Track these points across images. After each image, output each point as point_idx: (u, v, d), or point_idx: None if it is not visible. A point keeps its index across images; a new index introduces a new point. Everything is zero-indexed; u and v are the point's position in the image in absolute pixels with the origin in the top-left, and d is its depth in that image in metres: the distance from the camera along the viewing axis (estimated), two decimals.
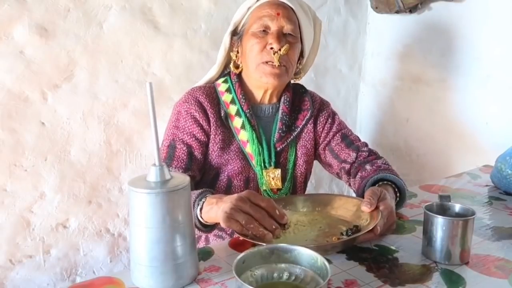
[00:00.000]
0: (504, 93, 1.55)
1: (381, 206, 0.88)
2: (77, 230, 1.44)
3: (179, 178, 0.71)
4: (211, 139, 1.08)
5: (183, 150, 1.05)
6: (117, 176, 1.50)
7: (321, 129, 1.20)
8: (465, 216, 0.79)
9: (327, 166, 1.24)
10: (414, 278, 0.74)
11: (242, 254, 0.65)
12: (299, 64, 1.16)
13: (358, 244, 0.86)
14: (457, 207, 0.83)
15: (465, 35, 1.64)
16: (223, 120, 1.09)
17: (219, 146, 1.08)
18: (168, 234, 0.68)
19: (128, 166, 1.51)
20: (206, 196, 0.89)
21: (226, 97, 1.11)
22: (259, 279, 0.66)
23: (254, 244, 0.77)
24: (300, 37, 1.09)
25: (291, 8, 1.07)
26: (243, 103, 1.10)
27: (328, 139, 1.19)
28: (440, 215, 0.78)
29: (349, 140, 1.19)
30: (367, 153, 1.16)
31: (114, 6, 1.38)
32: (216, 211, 0.83)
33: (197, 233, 0.96)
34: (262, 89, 1.12)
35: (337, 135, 1.19)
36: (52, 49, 1.30)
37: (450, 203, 0.84)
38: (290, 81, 1.16)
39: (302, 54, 1.14)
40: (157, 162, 0.69)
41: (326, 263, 0.62)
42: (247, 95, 1.12)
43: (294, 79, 1.19)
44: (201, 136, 1.07)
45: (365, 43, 2.08)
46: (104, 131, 1.44)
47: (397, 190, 1.03)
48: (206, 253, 0.83)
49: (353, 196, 1.08)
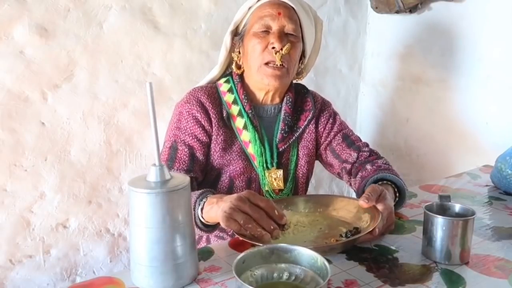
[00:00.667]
0: (504, 93, 1.55)
1: (381, 206, 0.88)
2: (77, 230, 1.44)
3: (179, 178, 0.71)
4: (213, 139, 1.08)
5: (184, 151, 1.05)
6: (117, 176, 1.50)
7: (322, 129, 1.20)
8: (465, 216, 0.79)
9: (328, 166, 1.24)
10: (414, 278, 0.74)
11: (242, 254, 0.65)
12: (301, 64, 1.15)
13: (358, 244, 0.86)
14: (457, 207, 0.83)
15: (465, 35, 1.64)
16: (225, 121, 1.09)
17: (221, 147, 1.08)
18: (168, 234, 0.68)
19: (128, 166, 1.51)
20: (207, 196, 0.89)
21: (228, 98, 1.11)
22: (259, 279, 0.66)
23: (254, 245, 0.77)
24: (302, 37, 1.09)
25: (292, 8, 1.06)
26: (245, 104, 1.09)
27: (329, 139, 1.19)
28: (440, 215, 0.78)
29: (350, 140, 1.19)
30: (368, 153, 1.16)
31: (114, 6, 1.38)
32: (216, 210, 0.83)
33: (199, 234, 0.96)
34: (264, 90, 1.11)
35: (338, 135, 1.19)
36: (52, 49, 1.30)
37: (450, 203, 0.84)
38: (292, 81, 1.16)
39: (303, 54, 1.14)
40: (157, 162, 0.69)
41: (326, 263, 0.62)
42: (249, 95, 1.12)
43: (296, 79, 1.19)
44: (203, 137, 1.07)
45: (365, 43, 2.08)
46: (104, 131, 1.44)
47: (396, 190, 1.03)
48: (206, 253, 0.83)
49: (355, 197, 1.08)
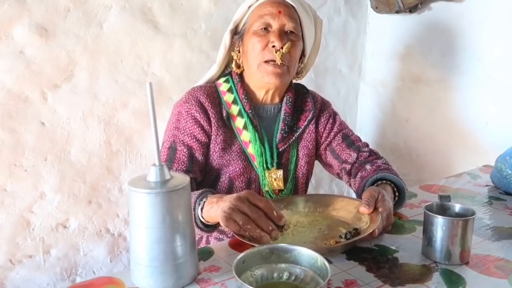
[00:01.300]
0: (504, 93, 1.55)
1: (380, 208, 0.88)
2: (77, 230, 1.44)
3: (179, 178, 0.71)
4: (212, 139, 1.07)
5: (183, 152, 1.05)
6: (117, 176, 1.50)
7: (322, 129, 1.20)
8: (465, 216, 0.79)
9: (327, 166, 1.24)
10: (414, 278, 0.74)
11: (242, 254, 0.65)
12: (301, 63, 1.15)
13: (357, 244, 0.86)
14: (457, 207, 0.83)
15: (465, 35, 1.64)
16: (225, 121, 1.08)
17: (221, 147, 1.07)
18: (168, 234, 0.68)
19: (128, 166, 1.51)
20: (207, 196, 0.89)
21: (228, 97, 1.11)
22: (259, 279, 0.66)
23: (254, 245, 0.77)
24: (302, 36, 1.09)
25: (292, 7, 1.06)
26: (245, 103, 1.09)
27: (329, 139, 1.19)
28: (440, 215, 0.78)
29: (350, 140, 1.19)
30: (367, 154, 1.16)
31: (114, 6, 1.38)
32: (216, 210, 0.83)
33: (199, 234, 0.96)
34: (264, 89, 1.11)
35: (338, 135, 1.19)
36: (52, 49, 1.30)
37: (450, 203, 0.84)
38: (292, 81, 1.16)
39: (303, 53, 1.13)
40: (157, 162, 0.69)
41: (326, 263, 0.62)
42: (249, 95, 1.11)
43: (296, 79, 1.19)
44: (202, 137, 1.06)
45: (365, 43, 2.08)
46: (104, 131, 1.44)
47: (396, 190, 1.03)
48: (206, 253, 0.83)
49: (355, 197, 1.08)
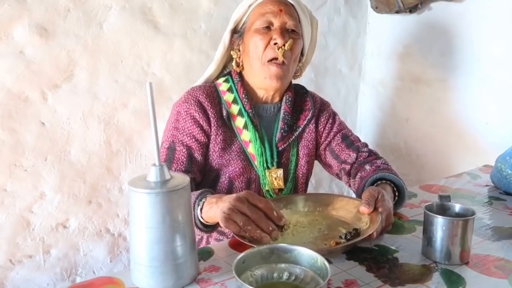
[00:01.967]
0: (504, 93, 1.55)
1: (380, 208, 0.88)
2: (77, 230, 1.44)
3: (179, 178, 0.71)
4: (212, 139, 1.07)
5: (182, 152, 1.04)
6: (117, 176, 1.50)
7: (322, 129, 1.20)
8: (465, 216, 0.79)
9: (327, 166, 1.24)
10: (414, 278, 0.74)
11: (242, 254, 0.65)
12: (299, 62, 1.16)
13: (357, 244, 0.86)
14: (457, 207, 0.83)
15: (465, 35, 1.64)
16: (225, 120, 1.08)
17: (220, 147, 1.07)
18: (168, 234, 0.68)
19: (128, 166, 1.51)
20: (206, 196, 0.89)
21: (228, 97, 1.10)
22: (259, 279, 0.66)
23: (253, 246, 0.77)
24: (301, 35, 1.10)
25: (292, 5, 1.08)
26: (245, 103, 1.09)
27: (329, 139, 1.19)
28: (440, 215, 0.78)
29: (350, 140, 1.19)
30: (367, 154, 1.16)
31: (114, 6, 1.38)
32: (215, 210, 0.83)
33: (198, 235, 0.96)
34: (264, 89, 1.12)
35: (338, 135, 1.19)
36: (52, 49, 1.30)
37: (450, 203, 0.84)
38: (291, 80, 1.17)
39: (302, 52, 1.14)
40: (157, 162, 0.69)
41: (326, 263, 0.62)
42: (249, 94, 1.11)
43: (294, 78, 1.19)
44: (201, 137, 1.06)
45: (365, 43, 2.08)
46: (104, 131, 1.44)
47: (395, 190, 1.03)
48: (206, 253, 0.83)
49: (355, 197, 1.08)
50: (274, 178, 1.10)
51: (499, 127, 1.58)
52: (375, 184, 1.03)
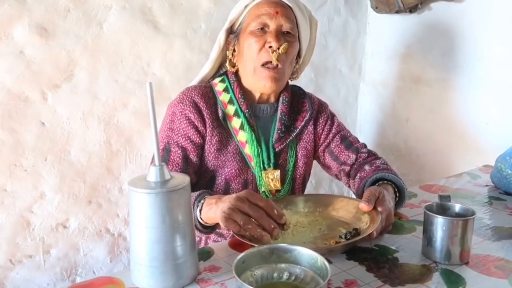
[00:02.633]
0: (504, 93, 1.55)
1: (380, 208, 0.88)
2: (77, 230, 1.44)
3: (179, 178, 0.71)
4: (207, 140, 1.06)
5: (178, 153, 1.03)
6: (117, 176, 1.50)
7: (321, 131, 1.19)
8: (465, 216, 0.79)
9: (326, 168, 1.23)
10: (414, 278, 0.74)
11: (242, 254, 0.65)
12: (296, 63, 1.15)
13: (357, 244, 0.86)
14: (457, 207, 0.83)
15: (465, 35, 1.64)
16: (220, 121, 1.07)
17: (216, 148, 1.06)
18: (168, 234, 0.68)
19: (128, 166, 1.51)
20: (205, 197, 0.89)
21: (224, 97, 1.09)
22: (259, 279, 0.66)
23: (254, 245, 0.77)
24: (298, 37, 1.09)
25: (289, 7, 1.06)
26: (241, 103, 1.08)
27: (327, 141, 1.19)
28: (440, 215, 0.78)
29: (349, 141, 1.19)
30: (366, 154, 1.16)
31: (114, 6, 1.38)
32: (215, 211, 0.82)
33: (197, 236, 0.96)
34: (259, 90, 1.11)
35: (337, 136, 1.19)
36: (52, 49, 1.30)
37: (450, 203, 0.84)
38: (288, 81, 1.16)
39: (299, 54, 1.13)
40: (157, 162, 0.69)
41: (326, 263, 0.62)
42: (245, 94, 1.10)
43: (291, 79, 1.19)
44: (196, 138, 1.05)
45: (365, 43, 2.08)
46: (104, 131, 1.44)
47: (396, 190, 1.03)
48: (206, 253, 0.83)
49: (354, 197, 1.08)
50: (270, 179, 1.09)
51: (499, 127, 1.57)
52: (376, 184, 1.03)
